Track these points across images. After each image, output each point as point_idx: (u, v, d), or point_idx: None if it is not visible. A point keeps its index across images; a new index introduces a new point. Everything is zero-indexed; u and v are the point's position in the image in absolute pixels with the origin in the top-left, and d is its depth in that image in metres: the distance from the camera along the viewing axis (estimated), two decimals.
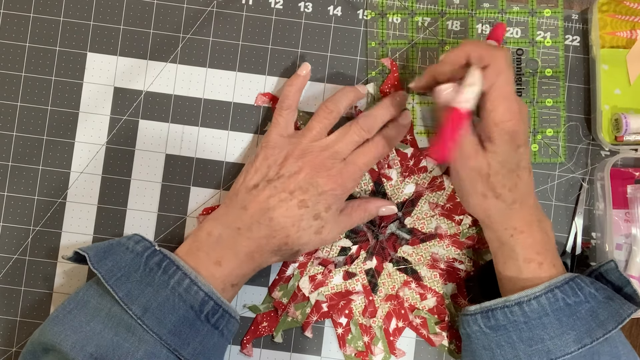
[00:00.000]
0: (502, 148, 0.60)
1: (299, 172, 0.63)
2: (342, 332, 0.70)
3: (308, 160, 0.63)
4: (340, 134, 0.65)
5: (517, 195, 0.62)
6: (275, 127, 0.66)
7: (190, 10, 0.71)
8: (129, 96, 0.71)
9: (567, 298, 0.59)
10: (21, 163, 0.70)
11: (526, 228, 0.62)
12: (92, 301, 0.59)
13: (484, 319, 0.61)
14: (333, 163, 0.64)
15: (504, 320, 0.60)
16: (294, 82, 0.68)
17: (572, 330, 0.58)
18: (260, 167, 0.64)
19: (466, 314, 0.63)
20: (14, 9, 0.71)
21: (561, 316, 0.59)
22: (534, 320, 0.59)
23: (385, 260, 0.70)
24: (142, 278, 0.59)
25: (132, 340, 0.57)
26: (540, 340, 0.59)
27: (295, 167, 0.63)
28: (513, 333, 0.60)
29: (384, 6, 0.72)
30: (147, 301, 0.58)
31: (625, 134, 0.69)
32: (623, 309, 0.58)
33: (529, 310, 0.59)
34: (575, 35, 0.72)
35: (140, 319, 0.57)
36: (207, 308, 0.59)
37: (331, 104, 0.66)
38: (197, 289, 0.59)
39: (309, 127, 0.65)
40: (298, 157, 0.63)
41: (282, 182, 0.62)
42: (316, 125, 0.65)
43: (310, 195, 0.62)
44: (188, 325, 0.59)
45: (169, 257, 0.60)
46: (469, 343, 0.63)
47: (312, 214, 0.63)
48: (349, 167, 0.64)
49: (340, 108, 0.66)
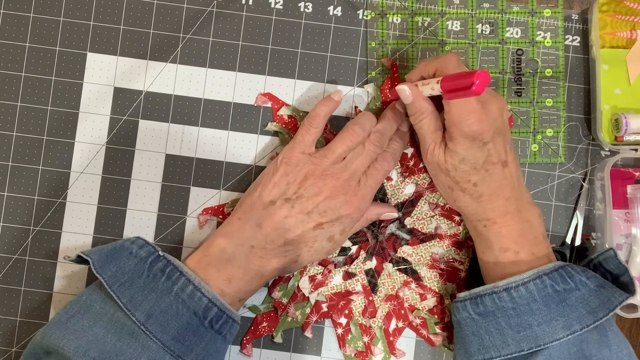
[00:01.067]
0: (462, 147, 0.61)
1: (318, 195, 0.63)
2: (342, 332, 0.70)
3: (328, 182, 0.63)
4: (356, 154, 0.65)
5: (485, 189, 0.62)
6: (299, 144, 0.65)
7: (190, 10, 0.71)
8: (129, 96, 0.71)
9: (556, 285, 0.59)
10: (21, 163, 0.70)
11: (500, 219, 0.62)
12: (95, 306, 0.59)
13: (472, 305, 0.61)
14: (351, 186, 0.64)
15: (493, 306, 0.60)
16: (327, 104, 0.66)
17: (561, 317, 0.58)
18: (279, 183, 0.63)
19: (457, 301, 0.63)
20: (14, 9, 0.71)
21: (550, 303, 0.59)
22: (522, 307, 0.59)
23: (385, 261, 0.70)
24: (145, 284, 0.59)
25: (135, 346, 0.57)
26: (529, 326, 0.59)
27: (315, 188, 0.63)
28: (501, 319, 0.60)
29: (384, 6, 0.72)
30: (150, 307, 0.58)
31: (625, 134, 0.69)
32: (614, 297, 0.58)
33: (517, 296, 0.59)
34: (575, 35, 0.72)
35: (144, 325, 0.57)
36: (211, 314, 0.59)
37: (358, 127, 0.65)
38: (200, 295, 0.59)
39: (331, 149, 0.64)
40: (318, 178, 0.63)
41: (300, 202, 0.62)
42: (339, 147, 0.64)
43: (327, 219, 0.63)
44: (192, 331, 0.59)
45: (172, 263, 0.60)
46: (460, 330, 0.63)
47: (326, 236, 0.63)
48: (364, 190, 0.64)
49: (366, 131, 0.65)
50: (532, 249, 0.62)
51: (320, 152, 0.64)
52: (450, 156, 0.62)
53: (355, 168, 0.64)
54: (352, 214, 0.64)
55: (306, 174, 0.63)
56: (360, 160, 0.64)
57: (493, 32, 0.72)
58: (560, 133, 0.71)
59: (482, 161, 0.61)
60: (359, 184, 0.64)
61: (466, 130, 0.60)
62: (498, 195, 0.62)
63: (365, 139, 0.65)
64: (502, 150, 0.62)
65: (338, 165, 0.64)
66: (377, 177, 0.66)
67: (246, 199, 0.65)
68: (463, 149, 0.61)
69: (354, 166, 0.64)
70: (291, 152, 0.64)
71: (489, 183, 0.62)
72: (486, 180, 0.62)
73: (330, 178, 0.63)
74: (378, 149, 0.65)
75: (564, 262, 0.62)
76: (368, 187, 0.65)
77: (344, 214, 0.63)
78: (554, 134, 0.71)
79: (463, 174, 0.62)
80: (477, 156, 0.61)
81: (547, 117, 0.71)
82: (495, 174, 0.62)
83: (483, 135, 0.60)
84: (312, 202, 0.62)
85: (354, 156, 0.65)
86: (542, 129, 0.71)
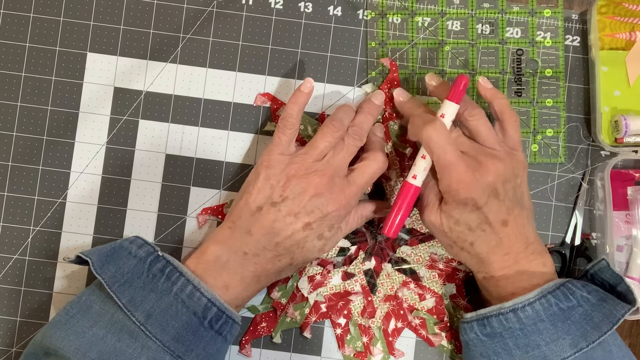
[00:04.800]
0: (455, 211, 0.61)
1: (303, 194, 0.62)
2: (341, 332, 0.70)
3: (313, 180, 0.62)
4: (337, 149, 0.64)
5: (482, 248, 0.62)
6: (276, 146, 0.64)
7: (190, 10, 0.71)
8: (129, 96, 0.71)
9: (560, 303, 0.59)
10: (21, 163, 0.70)
11: (498, 273, 0.63)
12: (95, 306, 0.59)
13: (479, 326, 0.61)
14: (336, 182, 0.63)
15: (500, 327, 0.60)
16: (297, 100, 0.65)
17: (568, 335, 0.58)
18: (262, 188, 0.62)
19: (463, 322, 0.63)
20: (14, 9, 0.71)
21: (556, 321, 0.59)
22: (529, 327, 0.59)
23: (384, 261, 0.70)
24: (145, 284, 0.59)
25: (135, 346, 0.57)
26: (537, 346, 0.59)
27: (299, 188, 0.62)
28: (509, 340, 0.60)
29: (384, 6, 0.72)
30: (150, 307, 0.58)
31: (625, 136, 0.69)
32: (617, 309, 0.58)
33: (523, 317, 0.59)
34: (575, 36, 0.72)
35: (144, 325, 0.57)
36: (211, 314, 0.59)
37: (337, 122, 0.64)
38: (200, 295, 0.59)
39: (312, 146, 0.63)
40: (302, 178, 0.62)
41: (286, 204, 0.61)
42: (320, 143, 0.63)
43: (315, 218, 0.62)
44: (191, 331, 0.59)
45: (172, 264, 0.60)
46: (468, 350, 0.63)
47: (316, 234, 0.63)
48: (352, 187, 0.63)
49: (345, 125, 0.65)
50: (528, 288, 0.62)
51: (302, 151, 0.64)
52: (446, 218, 0.62)
53: (338, 164, 0.63)
54: (339, 210, 0.63)
55: (289, 174, 0.62)
56: (342, 155, 0.64)
57: (493, 32, 0.72)
58: (561, 133, 0.71)
59: (477, 223, 0.61)
60: (345, 180, 0.64)
61: (457, 197, 0.60)
62: (495, 253, 0.62)
63: (345, 133, 0.64)
64: (500, 211, 0.61)
65: (321, 163, 0.63)
66: (365, 177, 0.64)
67: (234, 207, 0.64)
68: (455, 213, 0.61)
69: (336, 162, 0.63)
70: (270, 155, 0.63)
71: (486, 242, 0.62)
72: (482, 240, 0.62)
73: (314, 176, 0.62)
74: (358, 142, 0.65)
75: (564, 279, 0.62)
76: (356, 186, 0.64)
77: (331, 211, 0.62)
78: (554, 134, 0.71)
79: (459, 235, 0.62)
80: (472, 218, 0.61)
81: (547, 117, 0.71)
82: (492, 234, 0.62)
83: (475, 201, 0.60)
84: (298, 202, 0.62)
85: (335, 152, 0.64)
86: (542, 129, 0.71)
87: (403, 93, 0.69)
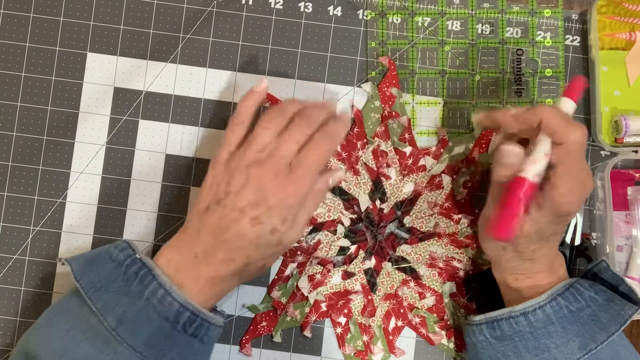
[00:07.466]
0: (546, 219, 0.59)
1: (245, 186, 0.58)
2: (341, 331, 0.70)
3: (253, 172, 0.58)
4: (281, 137, 0.60)
5: (540, 256, 0.61)
6: (226, 145, 0.62)
7: (190, 10, 0.71)
8: (129, 96, 0.71)
9: (570, 305, 0.59)
10: (21, 163, 0.70)
11: (532, 274, 0.62)
12: (74, 310, 0.58)
13: (489, 329, 0.61)
14: (279, 171, 0.59)
15: (510, 330, 0.60)
16: (249, 98, 0.63)
17: (577, 337, 0.58)
18: (210, 187, 0.60)
19: (471, 324, 0.63)
20: (14, 9, 0.71)
21: (566, 324, 0.59)
22: (539, 330, 0.59)
23: (384, 260, 0.71)
24: (120, 288, 0.58)
25: (107, 352, 0.56)
26: (547, 349, 0.59)
27: (241, 180, 0.58)
28: (519, 343, 0.60)
29: (384, 6, 0.72)
30: (122, 312, 0.56)
31: (625, 136, 0.69)
32: (624, 310, 0.58)
33: (534, 320, 0.59)
34: (575, 36, 0.72)
35: (115, 331, 0.56)
36: (183, 319, 0.57)
37: (277, 110, 0.62)
38: (171, 299, 0.57)
39: (253, 137, 0.60)
40: (243, 170, 0.59)
41: (230, 199, 0.58)
42: (260, 133, 0.60)
43: (262, 211, 0.58)
44: (163, 336, 0.57)
45: (147, 266, 0.58)
46: (475, 352, 0.63)
47: (268, 229, 0.58)
48: (297, 170, 0.59)
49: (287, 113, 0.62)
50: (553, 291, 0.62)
51: (244, 145, 0.61)
52: (530, 225, 0.59)
53: (281, 153, 0.59)
54: (284, 200, 0.58)
55: (232, 169, 0.59)
56: (286, 143, 0.59)
57: (493, 32, 0.72)
58: None
59: (551, 233, 0.61)
60: (291, 167, 0.59)
61: (562, 209, 0.58)
62: (540, 261, 0.62)
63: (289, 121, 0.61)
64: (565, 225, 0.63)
65: (262, 153, 0.59)
66: (312, 157, 0.60)
67: (188, 212, 0.63)
68: (545, 222, 0.59)
69: (280, 151, 0.59)
70: (218, 154, 0.62)
71: (547, 250, 0.62)
72: (544, 247, 0.61)
73: (254, 167, 0.58)
74: (305, 129, 0.60)
75: (572, 279, 0.62)
76: (302, 169, 0.59)
77: (276, 201, 0.58)
78: None
79: (529, 242, 0.60)
80: (553, 228, 0.60)
81: None
82: (555, 242, 0.62)
83: (572, 214, 0.60)
84: (241, 195, 0.58)
85: (279, 141, 0.60)
86: None
87: None
